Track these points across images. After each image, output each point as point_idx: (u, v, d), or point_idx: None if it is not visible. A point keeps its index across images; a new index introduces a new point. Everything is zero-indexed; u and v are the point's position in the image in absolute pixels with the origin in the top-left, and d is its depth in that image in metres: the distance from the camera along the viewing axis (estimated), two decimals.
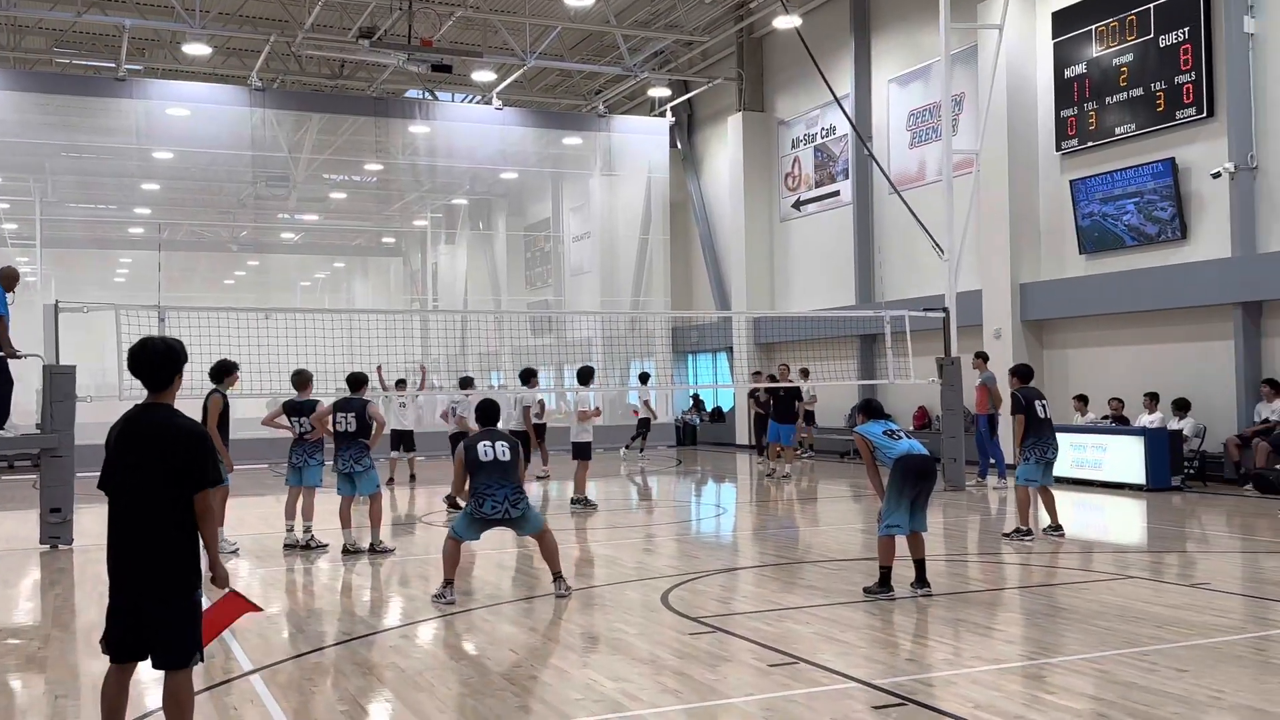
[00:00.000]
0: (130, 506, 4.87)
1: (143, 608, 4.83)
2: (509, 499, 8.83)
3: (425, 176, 32.01)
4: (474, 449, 8.93)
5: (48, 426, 12.60)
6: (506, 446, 9.00)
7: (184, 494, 4.83)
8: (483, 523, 8.92)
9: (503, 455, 8.92)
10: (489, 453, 8.91)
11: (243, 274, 37.86)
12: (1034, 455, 11.61)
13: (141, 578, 4.83)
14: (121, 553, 4.87)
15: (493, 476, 8.84)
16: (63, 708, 6.22)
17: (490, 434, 9.14)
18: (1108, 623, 7.70)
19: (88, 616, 8.76)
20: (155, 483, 4.82)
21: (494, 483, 8.83)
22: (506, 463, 8.90)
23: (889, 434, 8.93)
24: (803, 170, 26.89)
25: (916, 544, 8.94)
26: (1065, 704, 5.83)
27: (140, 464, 4.85)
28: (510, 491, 8.85)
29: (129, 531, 4.86)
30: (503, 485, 8.84)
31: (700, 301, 31.31)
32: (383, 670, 6.86)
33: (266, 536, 13.01)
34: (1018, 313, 19.72)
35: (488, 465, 8.87)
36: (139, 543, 4.83)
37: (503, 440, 9.06)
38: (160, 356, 4.99)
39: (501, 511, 8.82)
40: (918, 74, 22.98)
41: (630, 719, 5.76)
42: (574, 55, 28.92)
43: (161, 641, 4.83)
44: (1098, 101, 18.55)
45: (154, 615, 4.82)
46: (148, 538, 4.82)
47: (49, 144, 27.40)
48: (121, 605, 4.89)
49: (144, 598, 4.83)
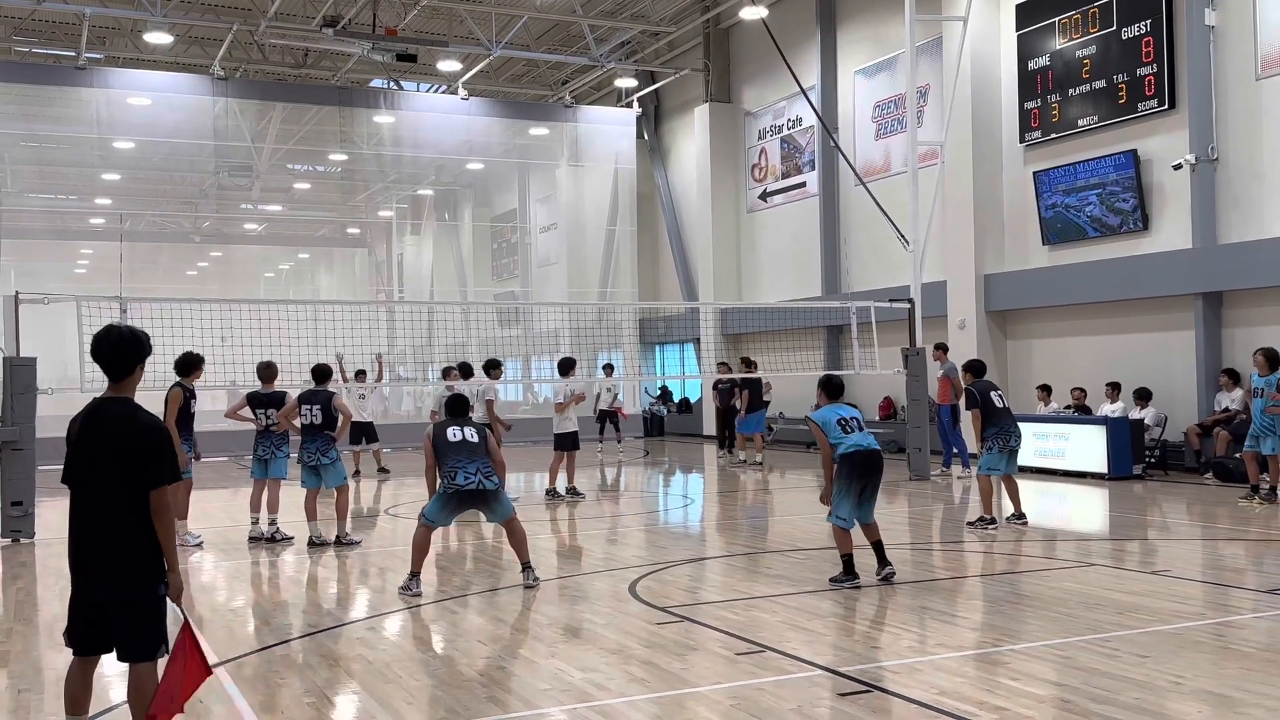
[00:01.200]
0: (91, 500, 4.83)
1: (105, 602, 4.79)
2: (481, 471, 8.81)
3: (390, 167, 31.80)
4: (443, 432, 8.98)
5: (8, 419, 12.44)
6: (475, 431, 9.06)
7: (142, 489, 4.79)
8: (456, 499, 8.83)
9: (471, 437, 8.96)
10: (458, 434, 8.95)
11: (206, 265, 37.48)
12: (997, 445, 11.78)
13: (103, 571, 4.79)
14: (83, 546, 4.84)
15: (462, 454, 8.86)
16: (26, 701, 6.16)
17: (459, 421, 9.19)
18: (1070, 609, 7.79)
19: (50, 610, 8.67)
20: (115, 477, 4.78)
21: (464, 458, 8.83)
22: (475, 443, 8.94)
23: (842, 423, 8.87)
24: (769, 161, 26.95)
25: (870, 530, 8.97)
26: (1028, 690, 5.90)
27: (100, 458, 4.81)
28: (483, 465, 8.85)
29: (90, 525, 4.82)
30: (474, 460, 8.84)
31: (667, 293, 31.34)
32: (350, 662, 6.84)
33: (231, 529, 12.92)
34: (982, 303, 19.88)
35: (456, 445, 8.90)
36: (100, 537, 4.80)
37: (472, 427, 9.11)
38: (124, 344, 4.94)
39: (475, 482, 8.76)
40: (883, 66, 23.07)
41: (599, 708, 5.77)
42: (540, 45, 28.82)
43: (125, 635, 4.80)
44: (1060, 93, 18.71)
45: (117, 609, 4.79)
46: (108, 532, 4.78)
47: (8, 133, 26.99)
48: (83, 599, 4.85)
49: (106, 592, 4.79)
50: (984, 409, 11.87)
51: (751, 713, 5.62)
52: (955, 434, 17.30)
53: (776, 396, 22.17)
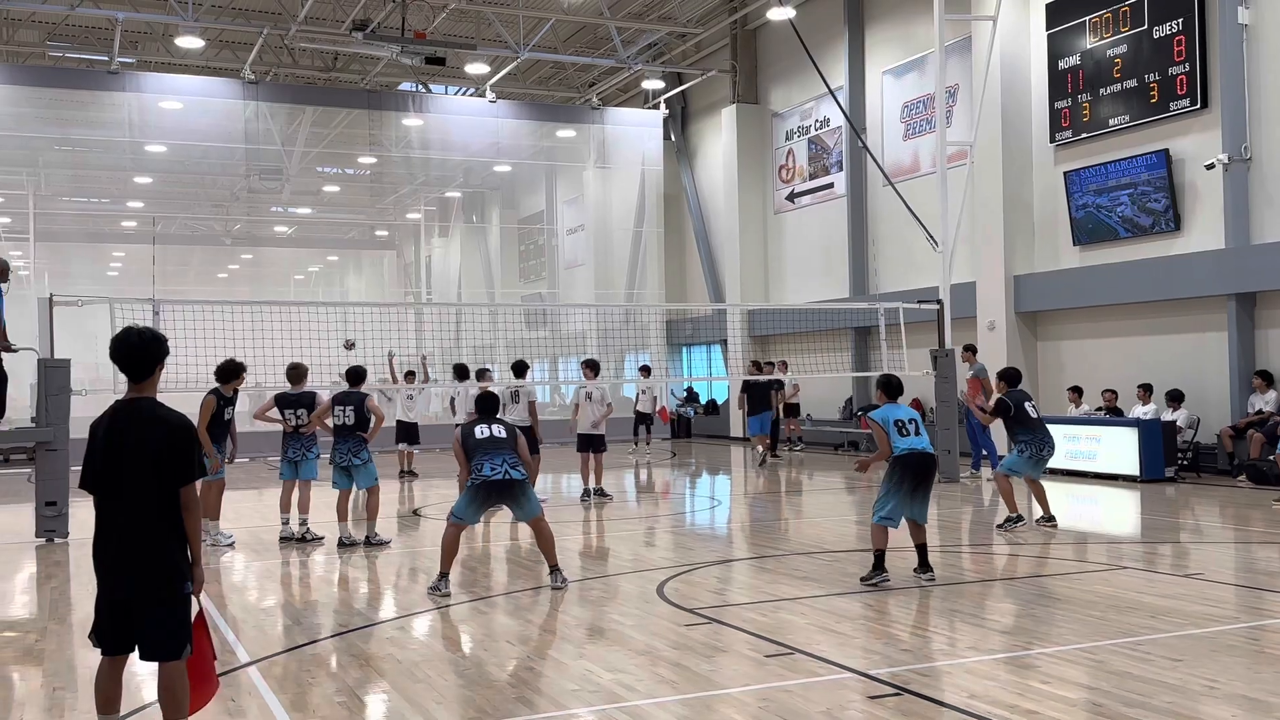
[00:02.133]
0: (117, 500, 4.86)
1: (131, 601, 4.83)
2: (508, 462, 8.83)
3: (419, 169, 31.97)
4: (471, 431, 9.03)
5: (43, 420, 12.58)
6: (504, 428, 9.11)
7: (168, 487, 4.83)
8: (483, 492, 8.83)
9: (499, 433, 9.01)
10: (485, 431, 9.01)
11: (236, 267, 37.84)
12: (1029, 450, 11.75)
13: (129, 571, 4.83)
14: (110, 545, 4.87)
15: (490, 449, 8.90)
16: (60, 699, 6.23)
17: (488, 419, 9.22)
18: (1102, 613, 7.73)
19: (84, 609, 8.75)
20: (141, 476, 4.82)
21: (493, 452, 8.88)
22: (503, 438, 8.99)
23: (899, 425, 9.01)
24: (796, 162, 26.89)
25: (917, 531, 9.06)
26: (1060, 694, 5.86)
27: (128, 457, 4.84)
28: (509, 456, 8.88)
29: (116, 525, 4.85)
30: (501, 452, 8.88)
31: (694, 294, 31.32)
32: (380, 662, 6.88)
33: (262, 529, 13.02)
34: (1012, 305, 19.75)
35: (484, 441, 8.95)
36: (126, 536, 4.83)
37: (501, 425, 9.16)
38: (148, 344, 4.98)
39: (502, 473, 8.76)
40: (912, 66, 22.97)
41: (627, 710, 5.77)
42: (568, 48, 28.89)
43: (150, 634, 4.83)
44: (1091, 93, 18.57)
45: (142, 608, 4.82)
46: (134, 531, 4.82)
47: (42, 137, 27.34)
48: (110, 598, 4.89)
49: (131, 591, 4.83)
50: (1017, 418, 11.85)
51: (780, 715, 5.61)
52: (985, 435, 17.19)
53: (803, 398, 22.16)
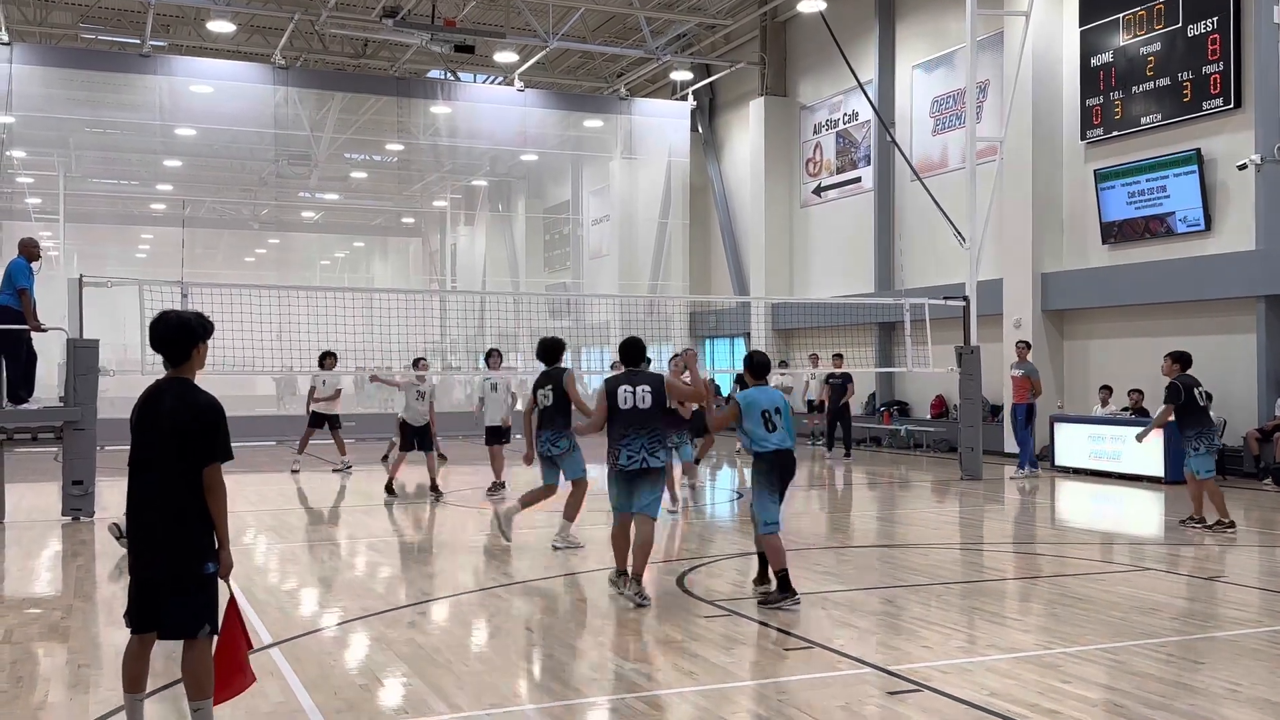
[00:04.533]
0: (148, 479, 4.92)
1: (154, 579, 4.89)
2: (646, 448, 8.03)
3: (446, 157, 32.04)
4: (615, 390, 8.20)
5: (71, 400, 12.70)
6: (649, 392, 8.18)
7: (196, 467, 4.87)
8: (624, 477, 8.11)
9: (642, 402, 8.13)
10: (629, 399, 8.14)
11: (264, 252, 38.05)
12: (1203, 444, 11.31)
13: (152, 549, 4.89)
14: (136, 524, 4.94)
15: (629, 425, 8.08)
16: (85, 676, 6.30)
17: (632, 376, 8.32)
18: (1124, 614, 7.69)
19: (108, 588, 8.85)
20: (172, 456, 4.87)
21: (630, 432, 8.06)
22: (646, 410, 8.11)
23: (765, 418, 7.97)
24: (824, 156, 26.79)
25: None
26: (1080, 693, 5.83)
27: (158, 438, 4.90)
28: (648, 440, 8.05)
29: (146, 503, 4.91)
30: (641, 434, 8.06)
31: (719, 286, 31.27)
32: (400, 646, 6.92)
33: (284, 511, 13.11)
34: (1039, 302, 19.63)
35: (626, 413, 8.10)
36: (151, 515, 4.88)
37: (645, 384, 8.21)
38: (174, 330, 5.02)
39: (639, 462, 8.01)
40: (942, 60, 22.84)
41: (646, 699, 5.79)
42: (596, 37, 28.85)
43: (170, 613, 4.88)
44: (1124, 90, 18.41)
45: (164, 587, 4.88)
46: (164, 510, 4.87)
47: (73, 119, 27.53)
48: (138, 577, 4.96)
49: (154, 569, 4.89)
50: (1187, 406, 11.24)
51: (799, 708, 5.61)
52: (1025, 433, 17.00)
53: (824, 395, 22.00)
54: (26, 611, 8.15)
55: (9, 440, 12.95)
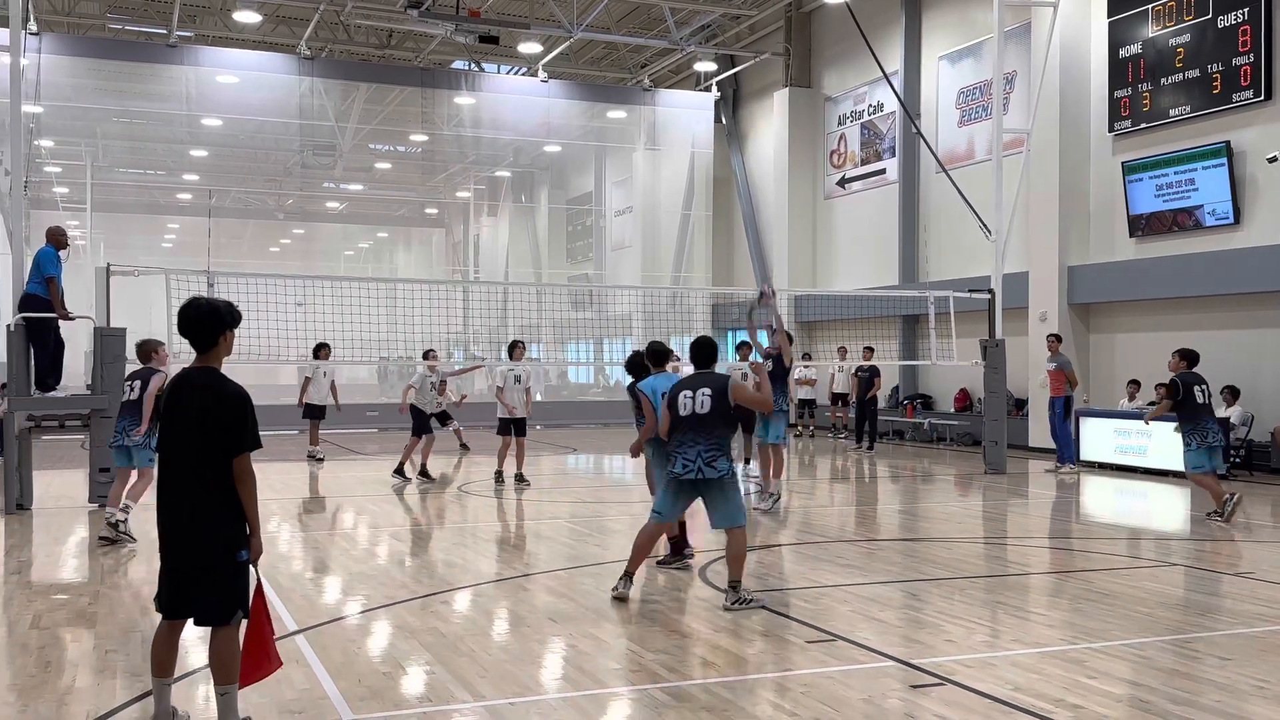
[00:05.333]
0: (175, 467, 4.95)
1: (184, 567, 4.93)
2: (702, 456, 7.69)
3: (469, 148, 32.09)
4: (677, 397, 7.88)
5: (98, 388, 12.80)
6: (709, 398, 7.75)
7: (224, 456, 4.90)
8: (678, 486, 7.87)
9: (701, 408, 7.73)
10: (688, 405, 7.79)
11: (288, 242, 38.25)
12: (1194, 440, 11.69)
13: (182, 537, 4.92)
14: (169, 512, 4.97)
15: (686, 433, 7.78)
16: (112, 661, 6.36)
17: (696, 380, 7.96)
18: (1150, 609, 7.64)
19: (135, 574, 8.92)
20: (199, 444, 4.90)
21: (687, 440, 7.77)
22: (704, 415, 7.73)
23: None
24: (848, 147, 26.68)
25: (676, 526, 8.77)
26: (1106, 689, 5.80)
27: (186, 426, 4.93)
28: (705, 449, 7.70)
29: (176, 491, 4.95)
30: (699, 442, 7.72)
31: (741, 278, 31.21)
32: (423, 635, 6.94)
33: (310, 501, 13.18)
34: (1065, 295, 19.49)
35: (685, 420, 7.78)
36: (185, 502, 4.91)
37: (706, 389, 7.81)
38: (204, 315, 5.05)
39: (694, 470, 7.69)
40: (969, 51, 22.69)
41: (669, 689, 5.79)
42: (621, 28, 28.80)
43: (202, 600, 4.92)
44: (1152, 82, 18.24)
45: (195, 574, 4.91)
46: (191, 499, 4.90)
47: (100, 109, 27.72)
48: (168, 564, 4.99)
49: (185, 557, 4.92)
50: (1185, 403, 11.64)
51: (822, 700, 5.60)
52: (1065, 427, 16.85)
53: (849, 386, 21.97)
54: (54, 597, 8.23)
55: (37, 427, 13.09)
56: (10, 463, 12.46)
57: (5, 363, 12.70)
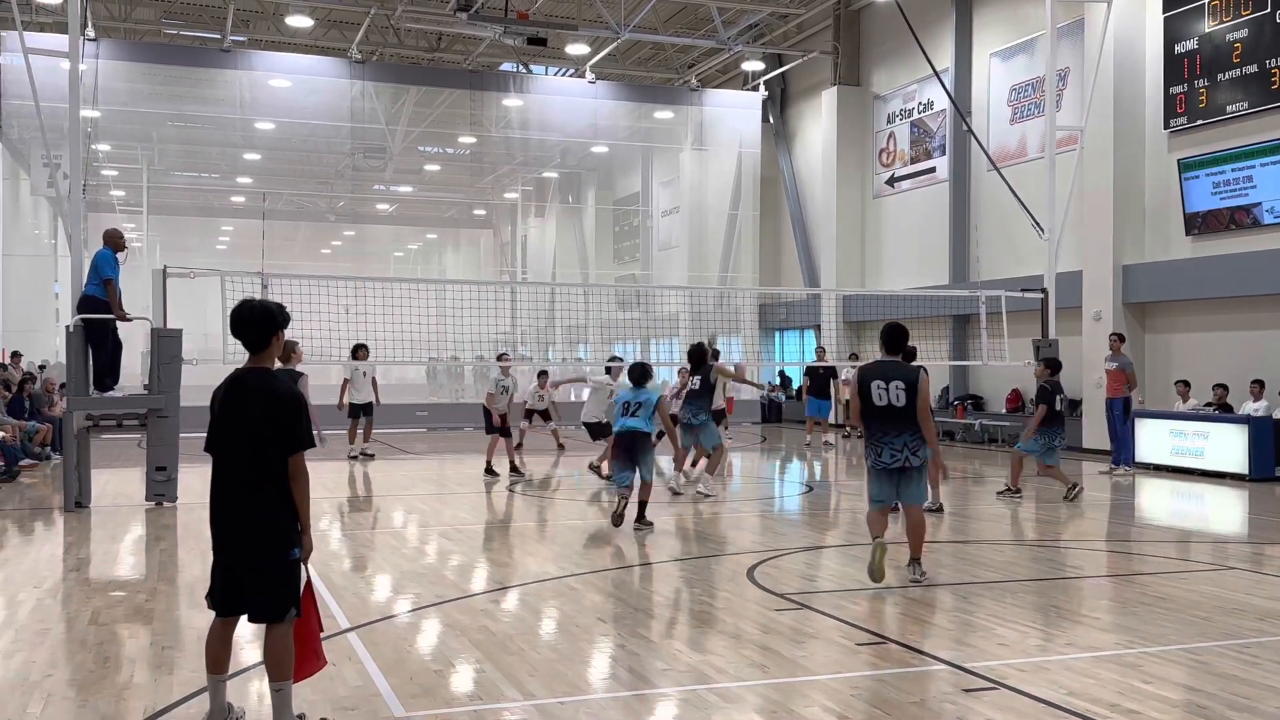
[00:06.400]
0: (231, 467, 5.02)
1: (239, 565, 4.99)
2: (908, 446, 8.14)
3: (517, 149, 32.23)
4: (867, 387, 8.23)
5: (155, 388, 13.00)
6: (902, 390, 8.15)
7: (278, 456, 4.96)
8: (885, 474, 8.28)
9: (897, 400, 8.14)
10: (883, 396, 8.16)
11: (339, 243, 38.66)
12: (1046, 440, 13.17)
13: (237, 535, 4.99)
14: (222, 511, 5.04)
15: (887, 423, 8.17)
16: (168, 657, 6.46)
17: (884, 369, 8.32)
18: (1207, 614, 7.51)
19: (191, 571, 9.06)
20: (253, 444, 4.96)
21: (889, 429, 8.17)
22: (901, 408, 8.13)
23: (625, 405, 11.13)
24: (898, 146, 26.48)
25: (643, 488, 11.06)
26: (1162, 694, 5.71)
27: (240, 426, 4.99)
28: (910, 439, 8.14)
29: (229, 491, 5.01)
30: (902, 433, 8.15)
31: (789, 278, 31.08)
32: (474, 633, 6.98)
33: (359, 500, 13.30)
34: (1119, 295, 19.21)
35: (881, 410, 8.16)
36: (238, 501, 4.98)
37: (898, 380, 8.19)
38: (258, 315, 5.11)
39: (902, 459, 8.14)
40: (1021, 48, 22.43)
41: (716, 690, 5.78)
42: (668, 28, 28.79)
43: (257, 597, 4.98)
44: (1209, 78, 17.93)
45: (249, 572, 4.97)
46: (247, 496, 4.97)
47: (156, 113, 28.19)
48: (222, 562, 5.06)
49: (239, 555, 4.99)
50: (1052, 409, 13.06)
51: (872, 703, 5.56)
52: (1124, 429, 16.58)
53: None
54: (112, 594, 8.37)
55: (95, 427, 13.31)
56: (69, 462, 12.70)
57: (64, 363, 12.95)
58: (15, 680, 6.01)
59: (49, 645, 6.78)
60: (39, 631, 7.11)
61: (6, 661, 6.40)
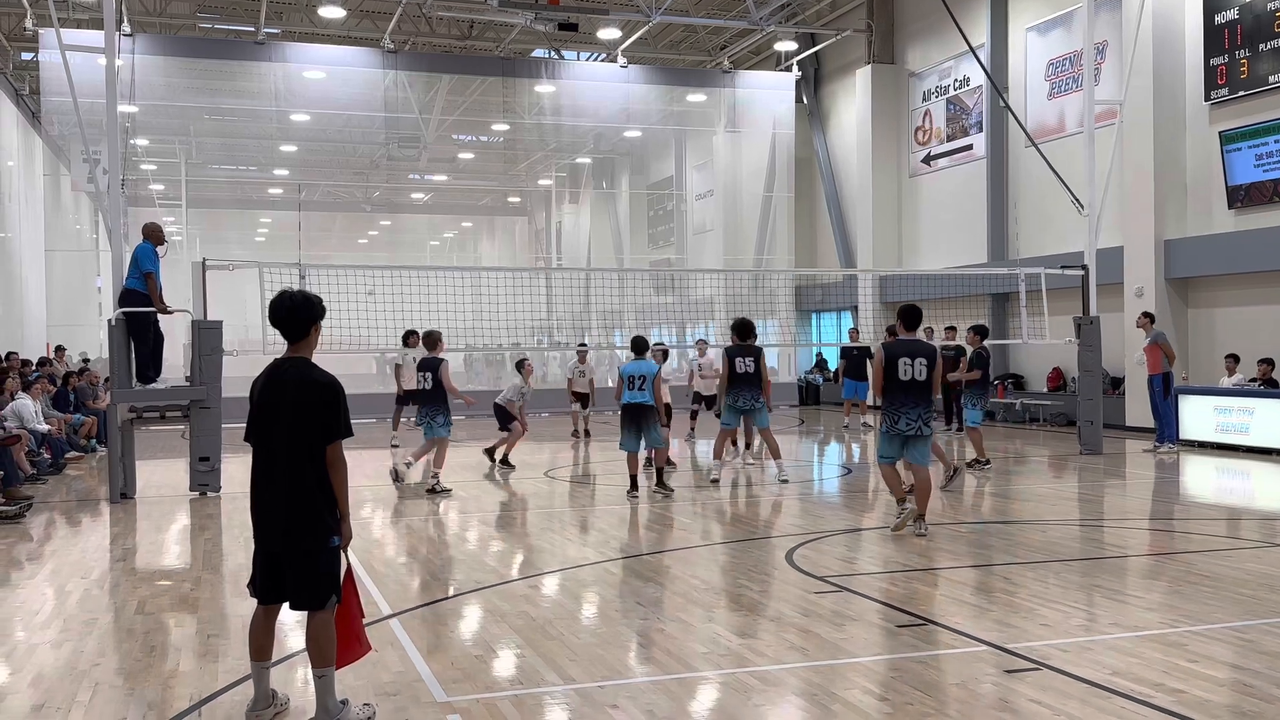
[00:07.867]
0: (271, 455, 5.07)
1: (280, 553, 5.04)
2: (921, 417, 9.38)
3: (550, 136, 32.21)
4: (894, 362, 9.41)
5: (196, 379, 13.15)
6: (925, 365, 9.36)
7: (317, 444, 4.99)
8: (900, 439, 9.52)
9: (920, 375, 9.35)
10: (908, 371, 9.36)
11: (375, 233, 38.86)
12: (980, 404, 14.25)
13: (278, 524, 5.03)
14: (263, 499, 5.09)
15: (909, 394, 9.37)
16: (214, 645, 6.54)
17: (911, 348, 9.48)
18: (1253, 591, 7.41)
19: (235, 560, 9.17)
20: (293, 433, 5.00)
21: (909, 400, 9.38)
22: (923, 383, 9.36)
23: (628, 379, 11.95)
24: (934, 124, 26.22)
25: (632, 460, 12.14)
26: (1208, 673, 5.64)
27: (279, 415, 5.03)
28: (925, 411, 9.39)
29: (270, 479, 5.06)
30: (917, 405, 9.36)
31: (825, 259, 30.91)
32: (514, 619, 7.02)
33: (397, 488, 13.39)
34: (1162, 270, 18.95)
35: (905, 384, 9.37)
36: (279, 490, 5.02)
37: (921, 357, 9.38)
38: (297, 308, 5.14)
39: (915, 428, 9.38)
40: (1058, 21, 22.12)
41: (756, 674, 5.77)
42: (699, 10, 28.63)
43: (298, 584, 5.03)
44: (1250, 49, 17.60)
45: (290, 560, 5.02)
46: (287, 485, 5.01)
47: (193, 107, 28.39)
48: (263, 550, 5.11)
49: (280, 543, 5.03)
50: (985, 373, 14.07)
51: (913, 685, 5.53)
52: (1166, 405, 16.36)
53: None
54: (158, 583, 8.49)
55: (139, 419, 13.48)
56: (114, 453, 12.88)
57: (108, 357, 13.11)
58: (64, 669, 6.12)
59: (97, 634, 6.88)
60: (87, 621, 7.22)
61: (56, 651, 6.50)
